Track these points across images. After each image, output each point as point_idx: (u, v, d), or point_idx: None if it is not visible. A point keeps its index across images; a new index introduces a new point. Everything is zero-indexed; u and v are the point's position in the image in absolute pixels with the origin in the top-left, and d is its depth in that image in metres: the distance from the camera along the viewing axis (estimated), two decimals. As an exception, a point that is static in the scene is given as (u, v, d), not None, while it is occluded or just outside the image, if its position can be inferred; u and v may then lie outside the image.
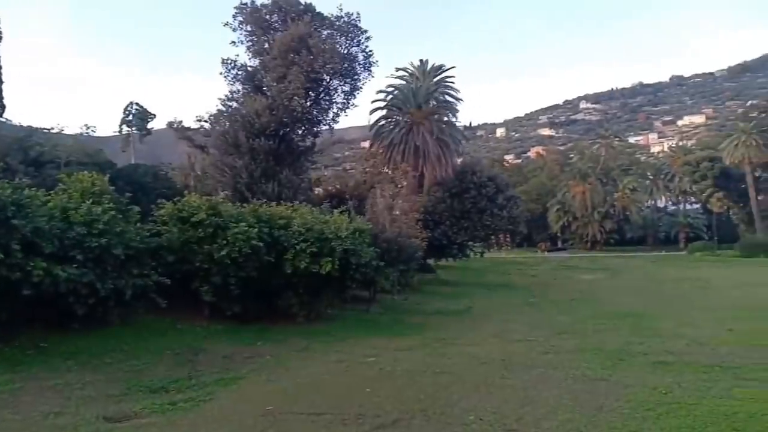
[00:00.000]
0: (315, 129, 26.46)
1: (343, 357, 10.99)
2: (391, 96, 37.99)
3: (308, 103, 24.69)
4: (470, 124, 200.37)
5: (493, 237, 36.97)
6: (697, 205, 75.48)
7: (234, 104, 25.05)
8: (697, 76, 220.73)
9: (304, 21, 24.55)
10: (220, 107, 24.90)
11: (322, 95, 25.89)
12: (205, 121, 25.82)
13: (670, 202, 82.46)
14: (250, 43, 26.68)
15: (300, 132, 25.79)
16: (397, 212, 25.52)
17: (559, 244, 79.10)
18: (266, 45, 26.07)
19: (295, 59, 23.49)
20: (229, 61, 26.01)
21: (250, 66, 26.54)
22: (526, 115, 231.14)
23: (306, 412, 7.05)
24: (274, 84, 23.93)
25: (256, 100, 23.53)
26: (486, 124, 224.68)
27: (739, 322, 16.00)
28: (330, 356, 11.16)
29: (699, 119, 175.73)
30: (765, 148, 56.70)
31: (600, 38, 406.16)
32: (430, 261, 33.46)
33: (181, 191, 20.07)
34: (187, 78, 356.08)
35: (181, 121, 29.63)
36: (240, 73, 26.21)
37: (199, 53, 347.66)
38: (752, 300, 22.91)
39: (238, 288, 13.74)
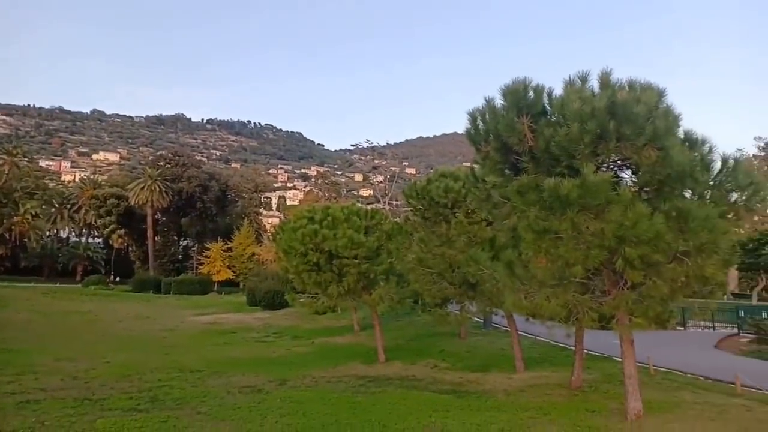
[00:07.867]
0: None
1: None
2: None
3: None
4: None
5: None
6: (100, 240, 77.23)
7: None
8: (118, 116, 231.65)
9: None
10: None
11: None
12: None
13: (73, 233, 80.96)
14: None
15: None
16: None
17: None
18: None
19: None
20: None
21: None
22: None
23: None
24: None
25: None
26: None
27: (117, 354, 17.06)
28: None
29: (114, 157, 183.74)
30: (166, 194, 64.22)
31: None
32: None
33: None
34: None
35: None
36: None
37: None
38: (134, 332, 24.99)
39: None
